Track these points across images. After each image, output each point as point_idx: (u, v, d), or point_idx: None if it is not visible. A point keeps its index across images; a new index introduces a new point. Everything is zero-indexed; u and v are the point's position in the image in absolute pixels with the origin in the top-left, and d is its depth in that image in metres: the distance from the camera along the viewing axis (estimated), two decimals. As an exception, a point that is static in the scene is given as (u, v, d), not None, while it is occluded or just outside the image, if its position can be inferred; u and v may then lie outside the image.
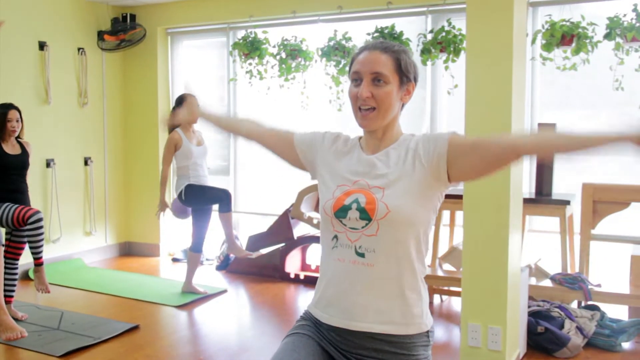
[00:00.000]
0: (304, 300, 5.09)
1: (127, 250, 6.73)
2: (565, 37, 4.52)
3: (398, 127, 1.81)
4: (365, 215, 1.68)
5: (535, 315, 3.87)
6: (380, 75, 1.71)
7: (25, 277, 5.47)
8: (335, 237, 1.73)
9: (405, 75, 1.75)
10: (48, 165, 5.82)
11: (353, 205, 1.70)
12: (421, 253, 1.74)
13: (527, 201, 4.44)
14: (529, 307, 3.92)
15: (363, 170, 1.76)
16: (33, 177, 5.55)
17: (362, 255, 1.69)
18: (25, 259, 4.63)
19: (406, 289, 1.70)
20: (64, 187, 5.98)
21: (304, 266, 5.77)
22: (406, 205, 1.66)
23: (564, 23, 4.52)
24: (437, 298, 4.94)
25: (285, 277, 5.58)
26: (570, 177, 4.97)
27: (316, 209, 5.51)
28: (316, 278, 1.85)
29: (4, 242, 3.05)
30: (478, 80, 3.20)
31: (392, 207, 1.66)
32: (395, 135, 1.79)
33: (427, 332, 1.74)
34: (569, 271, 4.52)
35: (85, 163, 6.23)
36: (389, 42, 1.78)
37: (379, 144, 1.79)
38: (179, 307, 4.81)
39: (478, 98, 3.20)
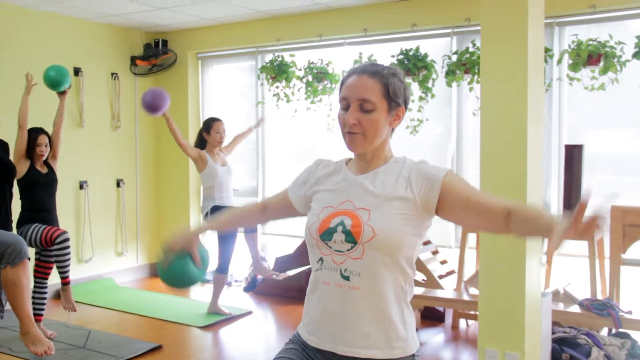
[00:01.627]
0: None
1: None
2: (592, 56, 4.44)
3: (388, 150, 1.79)
4: (351, 238, 1.66)
5: (560, 342, 3.76)
6: (367, 102, 1.69)
7: (58, 296, 5.57)
8: (321, 259, 1.72)
9: (394, 101, 1.72)
10: (81, 187, 5.98)
11: (338, 227, 1.68)
12: (408, 276, 1.71)
13: (554, 224, 4.34)
14: (553, 333, 3.81)
15: (349, 190, 1.74)
16: (66, 198, 5.71)
17: (347, 278, 1.67)
18: (58, 279, 4.71)
19: (392, 313, 1.67)
20: (96, 208, 6.12)
21: (331, 288, 5.74)
22: (392, 229, 1.64)
23: (591, 42, 4.45)
24: (462, 322, 4.85)
25: (311, 299, 5.56)
26: (600, 199, 4.83)
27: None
28: None
29: (29, 256, 3.14)
30: (493, 103, 3.16)
31: (378, 231, 1.64)
32: (384, 157, 1.77)
33: (413, 355, 1.71)
34: (599, 297, 4.39)
35: (118, 185, 6.37)
36: (378, 66, 1.74)
37: (367, 165, 1.77)
38: (204, 327, 4.84)
39: (493, 120, 3.16)
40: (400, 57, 5.16)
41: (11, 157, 4.31)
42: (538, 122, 3.22)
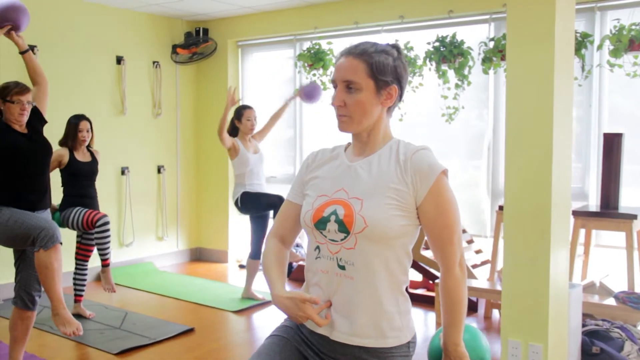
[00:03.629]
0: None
1: (198, 255, 6.97)
2: (634, 42, 4.28)
3: (385, 131, 1.75)
4: (344, 228, 1.65)
5: (591, 335, 3.67)
6: (352, 83, 1.66)
7: (99, 278, 5.75)
8: (318, 247, 1.72)
9: (381, 80, 1.67)
10: (123, 172, 6.14)
11: (331, 217, 1.67)
12: (402, 265, 1.70)
13: (592, 215, 4.24)
14: (585, 325, 3.72)
15: (343, 178, 1.72)
16: (108, 184, 5.89)
17: (342, 267, 1.67)
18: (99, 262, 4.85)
19: (385, 303, 1.67)
20: (137, 194, 6.28)
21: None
22: (384, 219, 1.62)
23: (634, 27, 4.29)
24: (495, 313, 4.78)
25: (344, 287, 5.57)
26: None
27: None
28: None
29: (62, 240, 3.25)
30: (518, 90, 3.09)
31: (370, 222, 1.62)
32: (381, 139, 1.74)
33: (408, 343, 1.71)
34: (637, 290, 4.26)
35: (159, 171, 6.52)
36: (367, 44, 1.70)
37: (364, 148, 1.75)
38: (236, 312, 4.92)
39: (519, 108, 3.09)
40: (436, 44, 5.10)
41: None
42: (567, 110, 3.13)
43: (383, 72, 1.67)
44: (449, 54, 5.04)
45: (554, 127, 2.98)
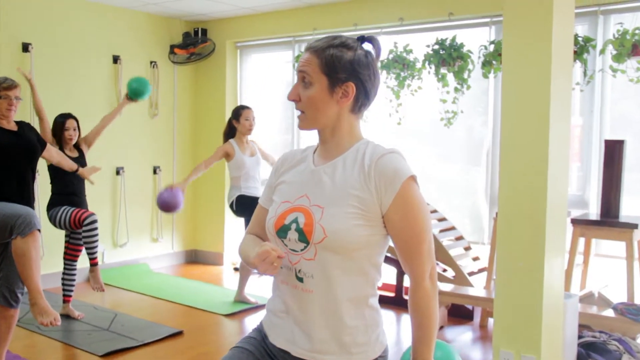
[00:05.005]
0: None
1: (193, 257, 6.89)
2: (638, 46, 4.19)
3: (351, 132, 1.63)
4: (303, 237, 1.55)
5: (587, 347, 3.57)
6: (306, 77, 1.58)
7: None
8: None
9: (334, 76, 1.55)
10: (118, 172, 6.07)
11: (292, 225, 1.57)
12: (368, 277, 1.59)
13: (591, 223, 4.15)
14: (581, 337, 3.62)
15: (307, 184, 1.62)
16: (102, 184, 5.82)
17: (301, 280, 1.57)
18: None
19: (347, 317, 1.56)
20: (132, 194, 6.21)
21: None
22: (345, 229, 1.51)
23: (638, 32, 4.20)
24: (491, 322, 4.68)
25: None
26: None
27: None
28: None
29: (40, 227, 3.18)
30: (514, 94, 3.00)
31: (329, 232, 1.51)
32: (347, 140, 1.62)
33: (377, 358, 1.61)
34: (637, 301, 4.15)
35: (154, 172, 6.45)
36: (328, 38, 1.60)
37: (329, 149, 1.64)
38: (227, 315, 4.84)
39: (514, 113, 3.01)
40: (436, 47, 5.01)
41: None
42: (564, 115, 3.04)
43: (334, 68, 1.55)
44: (448, 57, 4.96)
45: (550, 132, 2.89)
